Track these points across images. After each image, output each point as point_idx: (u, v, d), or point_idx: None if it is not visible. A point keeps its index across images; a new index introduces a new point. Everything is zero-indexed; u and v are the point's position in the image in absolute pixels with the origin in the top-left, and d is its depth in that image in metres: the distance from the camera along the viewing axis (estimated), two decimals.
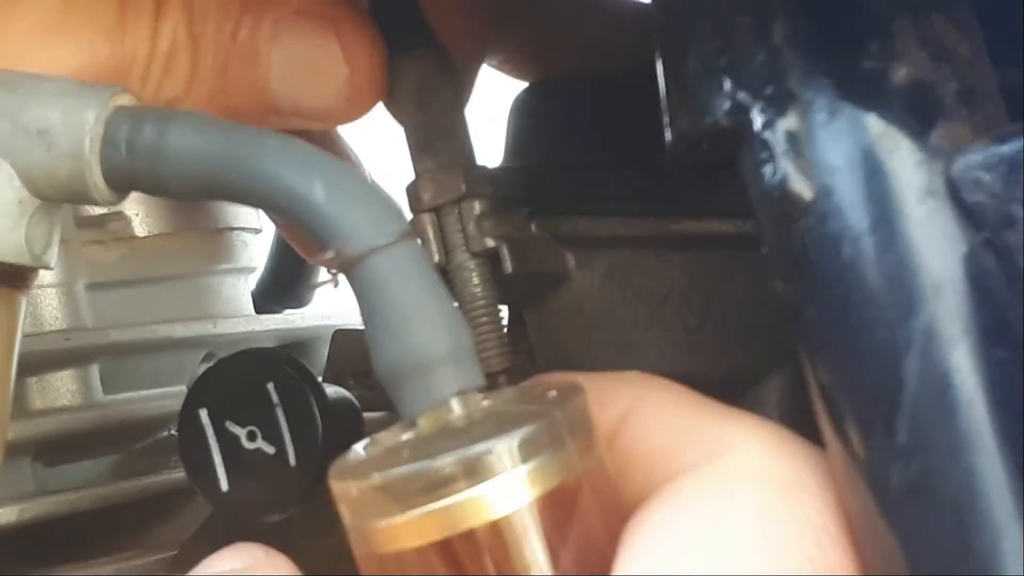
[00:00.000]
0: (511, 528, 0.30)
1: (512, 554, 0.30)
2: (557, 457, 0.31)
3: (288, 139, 0.33)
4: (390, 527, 0.31)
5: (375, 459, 0.32)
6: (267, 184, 0.32)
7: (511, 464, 0.30)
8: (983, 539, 0.32)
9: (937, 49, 0.33)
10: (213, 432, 0.48)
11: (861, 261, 0.33)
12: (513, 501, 0.30)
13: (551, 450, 0.31)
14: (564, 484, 0.31)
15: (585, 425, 0.32)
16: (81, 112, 0.34)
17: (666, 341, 0.45)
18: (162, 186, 0.34)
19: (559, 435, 0.31)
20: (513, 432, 0.31)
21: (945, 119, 0.33)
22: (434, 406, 0.32)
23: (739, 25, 0.34)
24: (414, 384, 0.32)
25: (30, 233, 0.35)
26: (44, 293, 0.56)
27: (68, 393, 0.57)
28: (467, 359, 0.32)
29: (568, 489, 0.31)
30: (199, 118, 0.34)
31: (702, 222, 0.45)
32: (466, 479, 0.30)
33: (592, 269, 0.46)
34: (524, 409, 0.32)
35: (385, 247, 0.32)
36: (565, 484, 0.31)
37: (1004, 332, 0.32)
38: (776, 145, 0.34)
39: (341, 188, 0.32)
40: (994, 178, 0.32)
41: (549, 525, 0.31)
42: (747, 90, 0.34)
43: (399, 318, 0.32)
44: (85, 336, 0.57)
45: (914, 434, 0.32)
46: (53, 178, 0.34)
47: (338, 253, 0.32)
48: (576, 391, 0.33)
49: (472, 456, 0.30)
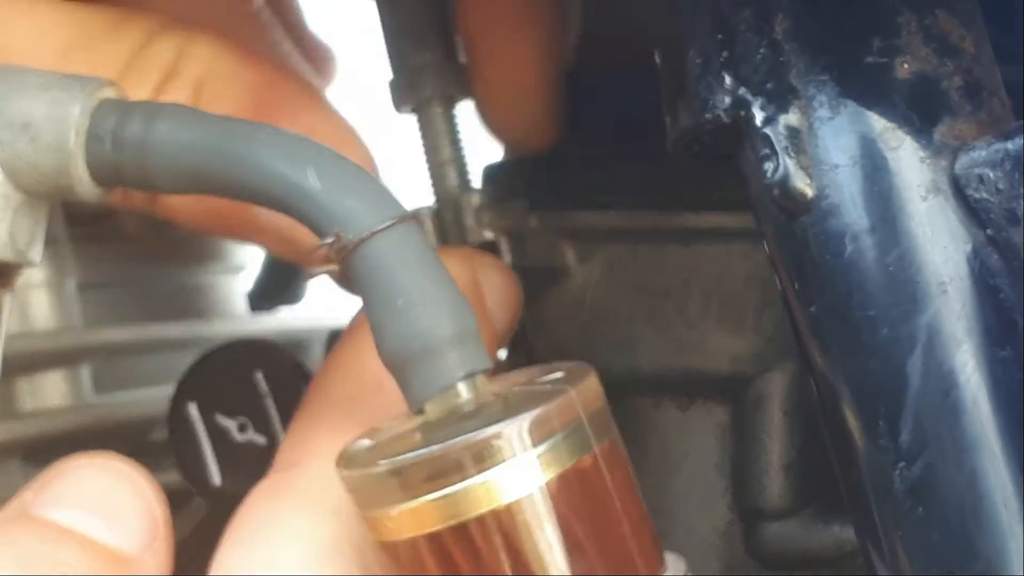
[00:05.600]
0: (523, 512, 0.30)
1: (525, 538, 0.30)
2: (569, 438, 0.31)
3: (278, 129, 0.33)
4: (399, 515, 0.30)
5: (382, 446, 0.32)
6: (259, 175, 0.32)
7: (521, 448, 0.30)
8: (988, 540, 0.32)
9: (941, 44, 0.33)
10: (203, 426, 0.48)
11: (863, 259, 0.33)
12: (524, 485, 0.30)
13: (562, 431, 0.30)
14: (577, 465, 0.31)
15: (597, 403, 0.32)
16: (66, 105, 0.33)
17: (666, 336, 0.45)
18: (149, 180, 0.33)
19: (571, 415, 0.31)
20: (522, 415, 0.30)
21: (949, 115, 0.33)
22: (441, 391, 0.31)
23: (740, 20, 0.34)
24: (420, 369, 0.31)
25: (14, 228, 0.34)
26: (34, 292, 0.56)
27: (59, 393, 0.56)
28: (473, 342, 0.32)
29: (582, 469, 0.31)
30: (186, 110, 0.33)
31: (702, 215, 0.45)
32: (475, 465, 0.30)
33: (592, 263, 0.46)
34: (533, 390, 0.32)
35: (385, 229, 0.31)
36: (579, 465, 0.31)
37: (1009, 330, 0.32)
38: (777, 141, 0.33)
39: (336, 174, 0.32)
40: (999, 175, 0.32)
41: (563, 507, 0.30)
42: (748, 85, 0.34)
43: (402, 302, 0.31)
44: (76, 336, 0.56)
45: (918, 434, 0.32)
46: (37, 172, 0.34)
47: (337, 239, 0.31)
48: (586, 370, 0.32)
49: (481, 441, 0.30)
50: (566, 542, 0.30)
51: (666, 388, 0.46)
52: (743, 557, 0.46)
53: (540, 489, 0.30)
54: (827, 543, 0.44)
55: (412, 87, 0.45)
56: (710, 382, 0.45)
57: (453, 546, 0.30)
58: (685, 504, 0.46)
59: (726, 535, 0.46)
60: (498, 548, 0.30)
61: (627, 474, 0.32)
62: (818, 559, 0.45)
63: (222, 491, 0.48)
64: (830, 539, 0.44)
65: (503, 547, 0.30)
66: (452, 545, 0.30)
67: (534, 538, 0.30)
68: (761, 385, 0.45)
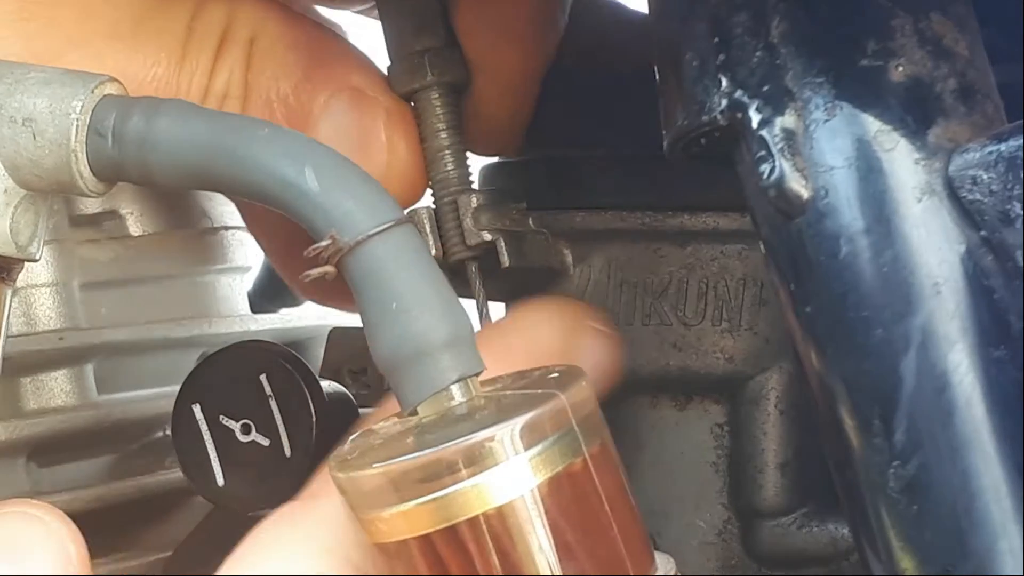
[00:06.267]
0: (515, 515, 0.30)
1: (516, 540, 0.30)
2: (561, 441, 0.31)
3: (278, 128, 0.33)
4: (392, 517, 0.31)
5: (376, 448, 0.32)
6: (258, 173, 0.32)
7: (513, 451, 0.30)
8: (981, 539, 0.32)
9: (935, 47, 0.33)
10: (207, 427, 0.48)
11: (858, 260, 0.33)
12: (516, 488, 0.30)
13: (553, 435, 0.31)
14: (568, 468, 0.31)
15: (588, 406, 0.32)
16: (67, 101, 0.33)
17: (663, 336, 0.45)
18: (150, 176, 0.33)
19: (562, 419, 0.31)
20: (515, 418, 0.30)
21: (943, 117, 0.33)
22: (434, 394, 0.32)
23: (736, 23, 0.34)
24: (413, 372, 0.32)
25: (15, 223, 0.34)
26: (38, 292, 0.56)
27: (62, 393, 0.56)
28: (466, 345, 0.32)
29: (573, 472, 0.31)
30: (188, 107, 0.33)
31: (699, 216, 0.45)
32: (468, 467, 0.30)
33: (589, 264, 0.46)
34: (525, 394, 0.32)
35: (381, 232, 0.31)
36: (569, 468, 0.31)
37: (1002, 331, 0.32)
38: (773, 143, 0.33)
39: (334, 176, 0.32)
40: (992, 176, 0.32)
41: (553, 510, 0.30)
42: (744, 88, 0.34)
43: (396, 305, 0.31)
44: (79, 336, 0.56)
45: (912, 433, 0.32)
46: (39, 167, 0.34)
47: (333, 241, 0.31)
48: (578, 373, 0.33)
49: (474, 444, 0.30)
50: (556, 544, 0.30)
51: (663, 388, 0.46)
52: (740, 556, 0.46)
53: (531, 492, 0.30)
54: (823, 541, 0.45)
55: (412, 73, 0.44)
56: (706, 382, 0.45)
57: (445, 548, 0.30)
58: (682, 503, 0.46)
59: (723, 534, 0.46)
60: (489, 550, 0.30)
61: (617, 476, 0.32)
62: (814, 557, 0.45)
63: (225, 492, 0.48)
64: (826, 537, 0.44)
65: (494, 549, 0.30)
66: (444, 547, 0.30)
67: (525, 540, 0.30)
68: (757, 385, 0.45)
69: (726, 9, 0.34)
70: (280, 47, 0.41)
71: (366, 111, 0.42)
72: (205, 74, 0.40)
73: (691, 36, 0.35)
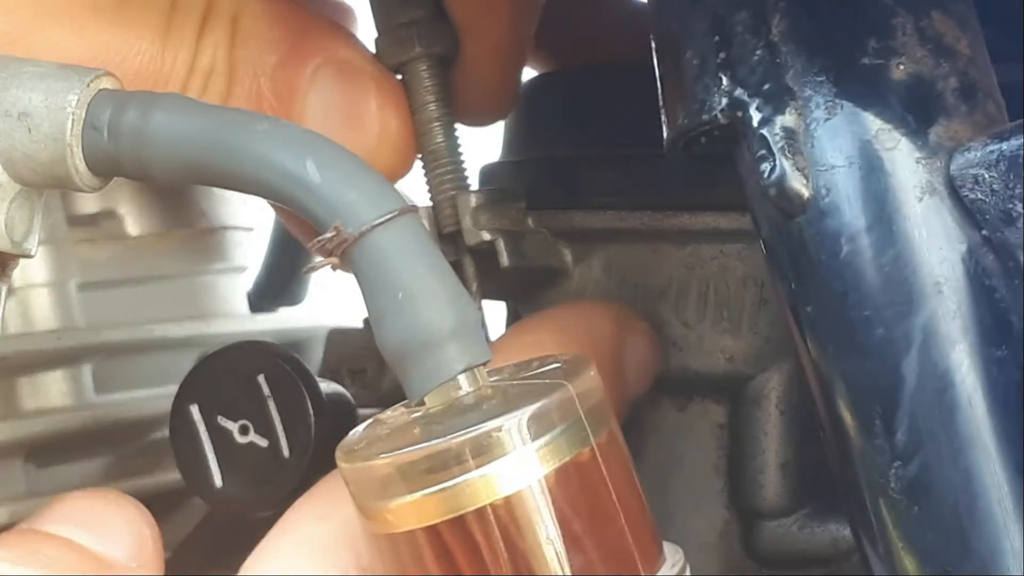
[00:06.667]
0: (522, 505, 0.30)
1: (524, 531, 0.30)
2: (568, 431, 0.31)
3: (277, 121, 0.33)
4: (399, 507, 0.30)
5: (383, 439, 0.32)
6: (258, 167, 0.32)
7: (521, 441, 0.30)
8: (983, 538, 0.32)
9: (937, 46, 0.33)
10: (205, 428, 0.48)
11: (859, 259, 0.33)
12: (523, 478, 0.30)
13: (562, 424, 0.31)
14: (576, 458, 0.31)
15: (596, 396, 0.32)
16: (63, 95, 0.33)
17: (663, 336, 0.45)
18: (146, 171, 0.33)
19: (570, 409, 0.31)
20: (522, 408, 0.30)
21: (945, 116, 0.33)
22: (441, 384, 0.32)
23: (737, 21, 0.34)
24: (420, 362, 0.31)
25: (10, 218, 0.34)
26: (35, 292, 0.56)
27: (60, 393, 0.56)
28: (473, 334, 0.32)
29: (580, 463, 0.31)
30: (184, 100, 0.33)
31: (699, 216, 0.45)
32: (475, 458, 0.30)
33: (589, 264, 0.46)
34: (533, 384, 0.32)
35: (385, 222, 0.31)
36: (577, 458, 0.31)
37: (1004, 331, 0.32)
38: (774, 142, 0.33)
39: (335, 167, 0.32)
40: (994, 175, 0.32)
41: (561, 500, 0.30)
42: (745, 87, 0.34)
43: (402, 295, 0.31)
44: (77, 336, 0.56)
45: (913, 433, 0.32)
46: (34, 162, 0.34)
47: (337, 233, 0.31)
48: (585, 362, 0.33)
49: (481, 434, 0.30)
50: (564, 535, 0.30)
51: (663, 388, 0.46)
52: (741, 556, 0.46)
53: (539, 482, 0.30)
54: (824, 542, 0.44)
55: (399, 45, 0.43)
56: (707, 382, 0.45)
57: (452, 538, 0.30)
58: (683, 504, 0.46)
59: (724, 534, 0.46)
60: (496, 540, 0.30)
61: (626, 467, 0.32)
62: (815, 558, 0.45)
63: (223, 493, 0.48)
64: (827, 538, 0.44)
65: (501, 539, 0.30)
66: (451, 537, 0.30)
67: (532, 531, 0.30)
68: (758, 385, 0.45)
69: (726, 7, 0.34)
70: (264, 22, 0.41)
71: (355, 82, 0.42)
72: (190, 49, 0.40)
73: (691, 34, 0.35)
